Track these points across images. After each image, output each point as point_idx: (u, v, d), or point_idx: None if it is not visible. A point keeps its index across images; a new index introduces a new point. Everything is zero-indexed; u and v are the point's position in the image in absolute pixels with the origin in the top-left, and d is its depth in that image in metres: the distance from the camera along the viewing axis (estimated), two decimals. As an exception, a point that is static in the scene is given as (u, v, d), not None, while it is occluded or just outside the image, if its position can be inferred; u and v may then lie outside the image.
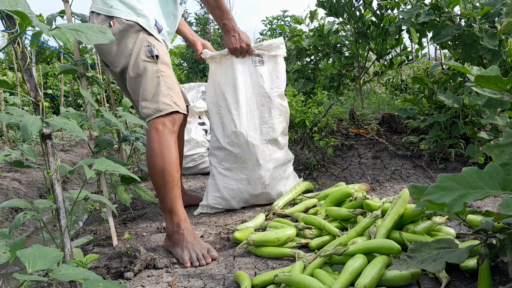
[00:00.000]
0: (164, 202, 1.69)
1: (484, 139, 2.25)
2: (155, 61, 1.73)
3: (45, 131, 1.24)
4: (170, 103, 1.72)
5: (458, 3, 2.44)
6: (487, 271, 1.12)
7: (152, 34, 1.77)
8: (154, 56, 1.72)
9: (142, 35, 1.74)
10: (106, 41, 1.03)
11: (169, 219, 1.69)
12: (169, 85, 1.74)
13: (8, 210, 3.00)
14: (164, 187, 1.68)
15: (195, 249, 1.59)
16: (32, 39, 1.69)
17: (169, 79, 1.76)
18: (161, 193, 1.70)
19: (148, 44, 1.73)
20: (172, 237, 1.66)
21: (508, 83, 1.12)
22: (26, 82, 1.20)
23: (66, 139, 5.98)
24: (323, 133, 2.66)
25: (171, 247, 1.67)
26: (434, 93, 2.58)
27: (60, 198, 1.26)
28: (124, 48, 1.75)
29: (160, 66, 1.74)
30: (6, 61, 10.59)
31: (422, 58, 4.39)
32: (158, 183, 1.69)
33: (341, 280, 1.19)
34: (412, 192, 1.17)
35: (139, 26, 1.75)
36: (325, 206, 1.86)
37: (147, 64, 1.73)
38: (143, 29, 1.76)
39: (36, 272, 0.85)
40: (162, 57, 1.75)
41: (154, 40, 1.76)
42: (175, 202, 1.68)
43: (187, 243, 1.61)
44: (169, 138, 1.70)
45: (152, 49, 1.72)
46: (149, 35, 1.76)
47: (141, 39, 1.73)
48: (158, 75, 1.73)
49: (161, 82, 1.72)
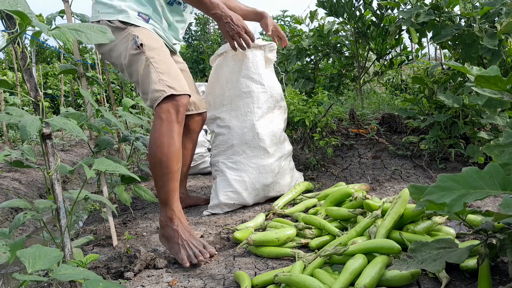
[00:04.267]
0: (160, 194, 1.66)
1: (484, 139, 2.25)
2: (141, 50, 1.69)
3: (45, 131, 1.24)
4: (163, 88, 1.65)
5: (458, 3, 2.44)
6: (487, 271, 1.12)
7: (138, 25, 1.76)
8: (139, 45, 1.69)
9: (127, 31, 1.74)
10: (106, 40, 1.03)
11: (163, 211, 1.65)
12: (160, 70, 1.69)
13: (8, 210, 3.00)
14: (161, 178, 1.64)
15: (191, 246, 1.55)
16: (32, 38, 1.69)
17: (161, 63, 1.71)
18: (157, 184, 1.66)
19: (133, 37, 1.71)
20: (166, 231, 1.62)
21: (508, 83, 1.12)
22: (26, 82, 1.20)
23: (66, 139, 5.99)
24: (323, 133, 2.66)
25: (165, 242, 1.63)
26: (434, 93, 2.58)
27: (60, 198, 1.26)
28: (116, 50, 1.76)
29: (148, 53, 1.70)
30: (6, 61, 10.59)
31: (422, 58, 4.39)
32: (155, 174, 1.66)
33: (341, 280, 1.19)
34: (412, 192, 1.17)
35: (122, 23, 1.75)
36: (325, 206, 1.86)
37: (135, 57, 1.71)
38: (127, 23, 1.75)
39: (36, 272, 0.85)
40: (148, 44, 1.71)
41: (139, 30, 1.74)
42: (170, 195, 1.64)
43: (182, 240, 1.57)
44: (171, 127, 1.64)
45: (136, 40, 1.70)
46: (136, 26, 1.76)
47: (127, 35, 1.73)
48: (148, 63, 1.69)
49: (151, 70, 1.68)
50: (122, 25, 1.76)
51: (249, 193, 2.18)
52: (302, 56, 4.10)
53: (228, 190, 2.16)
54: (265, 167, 2.17)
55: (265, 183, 2.18)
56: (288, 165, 2.33)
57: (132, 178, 1.67)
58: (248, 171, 2.18)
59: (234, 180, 2.16)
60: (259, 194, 2.20)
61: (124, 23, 1.77)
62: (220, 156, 2.23)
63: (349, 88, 4.75)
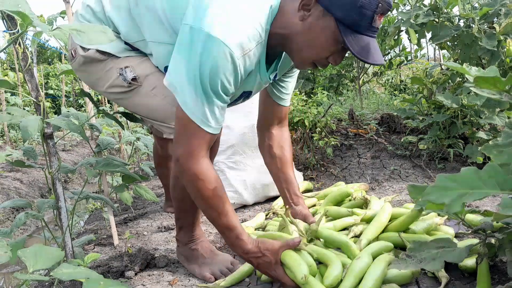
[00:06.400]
0: (177, 221, 1.52)
1: (482, 139, 2.26)
2: (136, 85, 1.36)
3: (47, 131, 1.25)
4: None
5: (457, 3, 2.44)
6: (486, 270, 1.12)
7: (119, 56, 1.37)
8: (130, 81, 1.35)
9: (110, 65, 1.37)
10: (107, 41, 1.02)
11: (180, 233, 1.52)
12: (169, 101, 1.32)
13: (10, 209, 3.01)
14: (182, 210, 1.48)
15: (216, 263, 1.45)
16: (33, 39, 1.69)
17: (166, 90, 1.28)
18: (177, 213, 1.51)
19: (119, 72, 1.36)
20: (184, 251, 1.51)
21: (506, 84, 1.12)
22: (27, 83, 1.21)
23: (67, 139, 5.99)
24: (322, 133, 2.66)
25: (185, 263, 1.51)
26: (433, 93, 2.58)
27: (61, 198, 1.27)
28: (100, 85, 1.42)
29: (147, 84, 1.36)
30: (7, 61, 10.59)
31: (421, 58, 4.40)
32: (177, 205, 1.50)
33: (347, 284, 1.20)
34: (411, 192, 1.17)
35: (100, 53, 1.36)
36: (325, 205, 1.87)
37: (129, 94, 1.38)
38: (107, 54, 1.36)
39: (37, 271, 0.86)
40: (142, 73, 1.36)
41: (123, 60, 1.37)
42: (189, 225, 1.50)
43: (204, 258, 1.47)
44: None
45: (125, 76, 1.35)
46: (117, 57, 1.37)
47: (110, 70, 1.37)
48: (153, 94, 1.36)
49: (161, 101, 1.36)
50: (100, 56, 1.37)
51: (249, 193, 2.18)
52: (302, 56, 4.09)
53: (228, 190, 2.16)
54: (265, 167, 2.17)
55: (265, 183, 2.19)
56: None
57: (133, 177, 1.67)
58: (248, 171, 2.19)
59: (235, 180, 2.17)
60: (259, 193, 2.21)
61: (103, 53, 1.36)
62: (220, 156, 2.24)
63: (348, 89, 4.76)
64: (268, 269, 1.27)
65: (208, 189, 1.23)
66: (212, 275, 1.41)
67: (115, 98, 1.47)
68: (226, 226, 1.28)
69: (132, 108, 1.47)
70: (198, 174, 1.22)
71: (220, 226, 1.29)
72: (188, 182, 1.25)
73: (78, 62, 1.40)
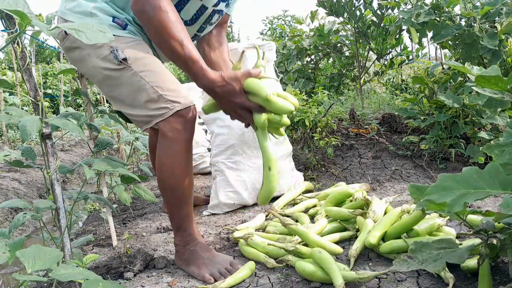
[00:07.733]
0: (173, 219, 1.52)
1: (484, 139, 2.25)
2: (125, 65, 1.40)
3: (45, 131, 1.24)
4: (166, 105, 1.39)
5: (458, 2, 2.44)
6: (488, 271, 1.12)
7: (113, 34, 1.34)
8: (121, 60, 1.39)
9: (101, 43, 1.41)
10: (106, 40, 1.02)
11: (178, 236, 1.52)
12: (156, 83, 1.41)
13: (8, 210, 3.00)
14: (174, 203, 1.49)
15: (214, 264, 1.44)
16: (31, 38, 1.68)
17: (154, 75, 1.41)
18: (170, 209, 1.51)
19: (110, 49, 1.40)
20: (183, 254, 1.50)
21: (508, 83, 1.11)
22: (25, 82, 1.20)
23: (66, 139, 5.99)
24: (323, 133, 2.65)
25: (184, 266, 1.50)
26: (434, 93, 2.58)
27: (59, 198, 1.26)
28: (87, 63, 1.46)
29: (135, 67, 1.40)
30: (5, 61, 10.59)
31: (423, 58, 4.39)
32: (168, 199, 1.50)
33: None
34: (412, 192, 1.17)
35: None
36: (325, 206, 1.86)
37: (116, 73, 1.41)
38: None
39: (35, 272, 0.85)
40: (133, 55, 1.41)
41: (115, 41, 1.39)
42: (186, 220, 1.50)
43: (203, 259, 1.46)
44: (181, 147, 1.42)
45: (116, 54, 1.39)
46: None
47: (101, 46, 1.42)
48: (137, 79, 1.40)
49: (144, 86, 1.39)
50: None
51: (249, 193, 2.18)
52: (302, 56, 4.10)
53: (228, 190, 2.16)
54: None
55: None
56: (288, 165, 2.33)
57: (131, 178, 1.66)
58: (248, 171, 2.19)
59: (235, 180, 2.16)
60: None
61: None
62: (220, 156, 2.24)
63: (349, 88, 4.76)
64: (233, 97, 1.31)
65: (171, 20, 1.29)
66: (211, 276, 1.40)
67: (100, 80, 1.48)
68: (189, 57, 1.30)
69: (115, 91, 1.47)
70: (161, 5, 1.28)
71: (184, 58, 1.31)
72: (151, 16, 1.29)
73: (71, 40, 1.45)
